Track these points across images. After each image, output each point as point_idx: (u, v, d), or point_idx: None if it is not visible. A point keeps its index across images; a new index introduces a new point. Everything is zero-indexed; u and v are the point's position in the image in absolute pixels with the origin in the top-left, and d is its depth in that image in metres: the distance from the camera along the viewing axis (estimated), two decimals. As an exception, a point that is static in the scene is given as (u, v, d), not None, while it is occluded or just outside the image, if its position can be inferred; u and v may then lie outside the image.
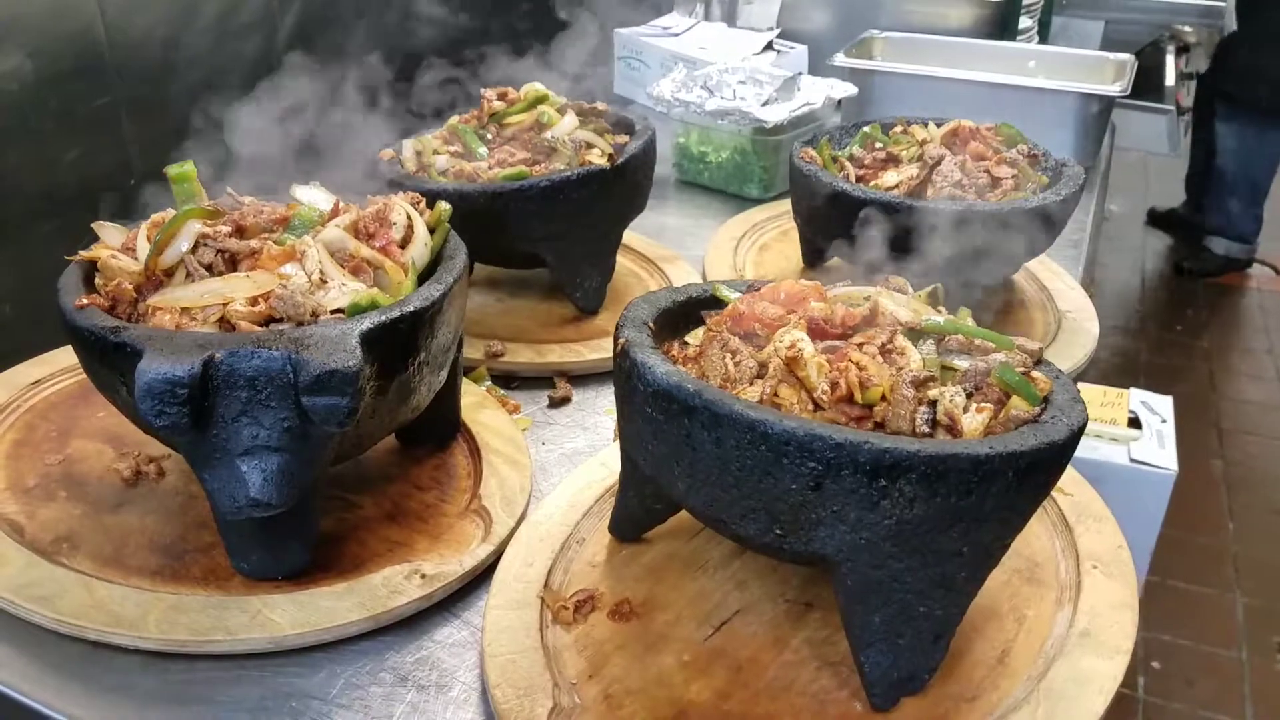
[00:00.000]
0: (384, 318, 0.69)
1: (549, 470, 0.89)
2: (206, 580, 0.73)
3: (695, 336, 0.73)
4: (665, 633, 0.69)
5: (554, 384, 1.01)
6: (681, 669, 0.66)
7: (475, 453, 0.88)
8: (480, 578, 0.75)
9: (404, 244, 0.79)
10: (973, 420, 0.59)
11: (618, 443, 0.89)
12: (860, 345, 0.64)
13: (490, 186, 1.00)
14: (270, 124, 1.02)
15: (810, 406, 0.61)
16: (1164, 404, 1.90)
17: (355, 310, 0.70)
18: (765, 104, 1.41)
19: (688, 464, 0.60)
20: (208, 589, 0.72)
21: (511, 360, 1.02)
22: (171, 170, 0.76)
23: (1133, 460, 1.74)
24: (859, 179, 1.06)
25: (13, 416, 0.91)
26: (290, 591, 0.71)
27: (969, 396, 0.61)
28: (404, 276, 0.76)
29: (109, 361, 0.67)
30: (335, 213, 0.78)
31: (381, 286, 0.75)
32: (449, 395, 0.86)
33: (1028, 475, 0.57)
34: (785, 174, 1.42)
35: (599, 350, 1.03)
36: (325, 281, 0.72)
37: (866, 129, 1.15)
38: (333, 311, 0.71)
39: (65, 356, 0.97)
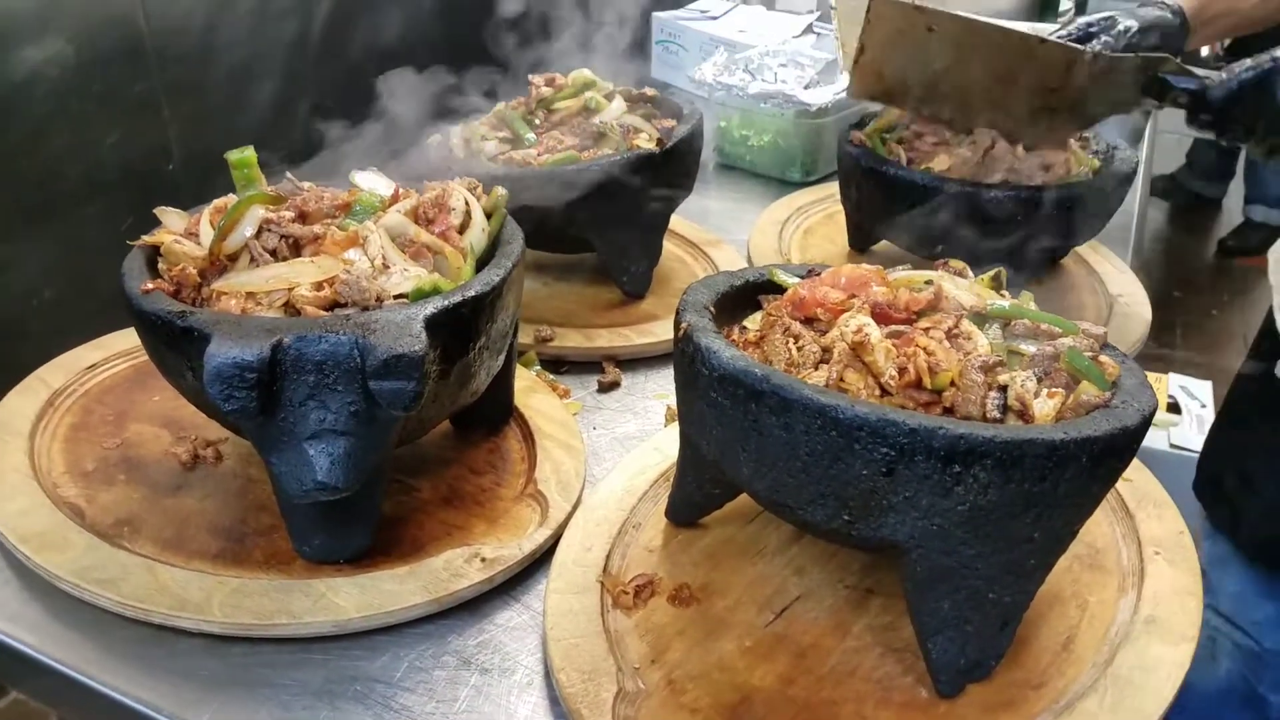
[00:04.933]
0: (446, 302, 0.69)
1: (601, 455, 0.89)
2: (268, 563, 0.74)
3: (753, 321, 0.72)
4: (725, 618, 0.69)
5: (603, 369, 1.01)
6: (743, 654, 0.66)
7: (528, 437, 0.88)
8: (538, 562, 0.75)
9: (462, 229, 0.79)
10: (1044, 405, 0.59)
11: (671, 427, 0.89)
12: (926, 330, 0.63)
13: (541, 172, 1.00)
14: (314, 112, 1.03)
15: (877, 392, 0.61)
16: (1203, 389, 1.87)
17: (418, 295, 0.70)
18: (807, 87, 1.40)
19: (754, 449, 0.60)
20: (269, 572, 0.73)
21: (560, 345, 1.02)
22: (232, 156, 0.77)
23: (1173, 446, 1.72)
24: (909, 162, 1.05)
25: (70, 400, 0.92)
26: (352, 575, 0.72)
27: (1038, 381, 0.61)
28: (463, 262, 0.76)
29: (176, 346, 0.68)
30: (396, 199, 0.78)
31: (441, 272, 0.75)
32: (504, 380, 0.86)
33: (1101, 460, 0.56)
34: (827, 157, 1.41)
35: (647, 335, 1.03)
36: (388, 266, 0.72)
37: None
38: (395, 296, 0.71)
39: (120, 340, 0.99)
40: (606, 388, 0.99)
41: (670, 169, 1.04)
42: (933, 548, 0.57)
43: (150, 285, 0.70)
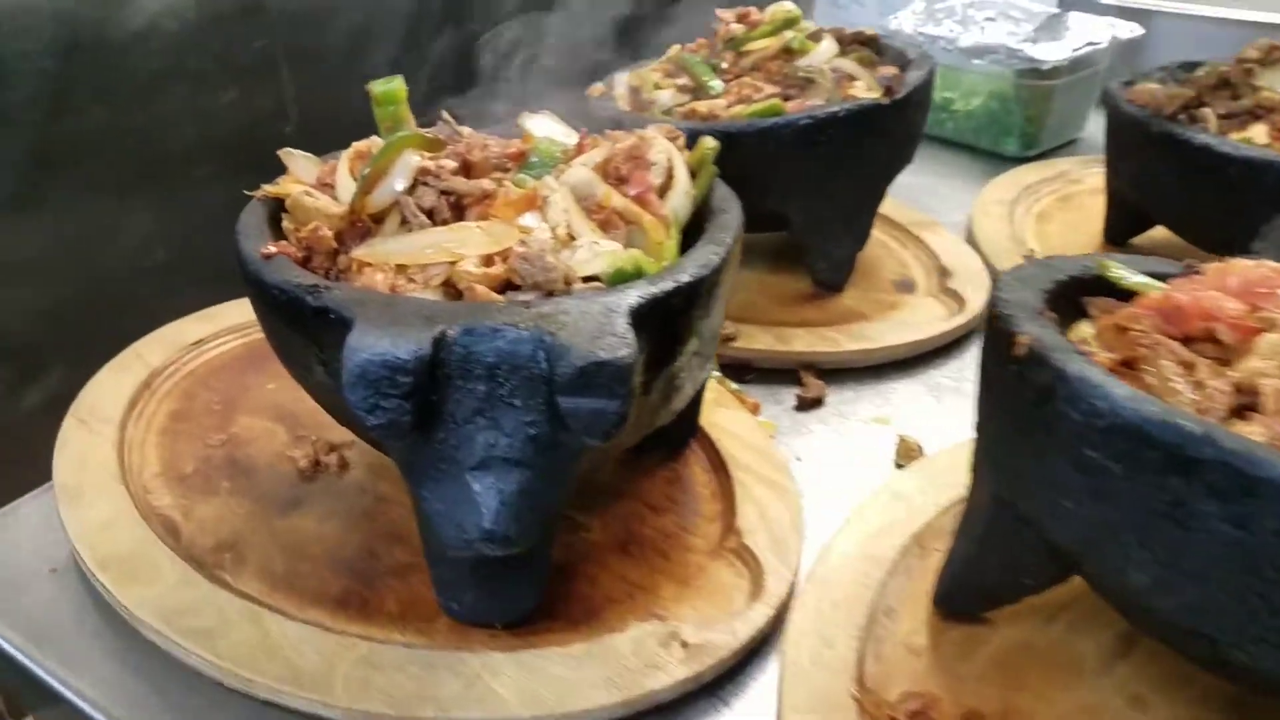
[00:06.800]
0: (655, 290, 0.50)
1: (809, 498, 0.68)
2: (404, 618, 0.56)
3: (1078, 332, 0.51)
4: (1037, 763, 0.48)
5: (800, 379, 0.80)
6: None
7: (719, 466, 0.68)
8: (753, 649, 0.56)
9: (663, 192, 0.60)
10: None
11: (909, 469, 0.67)
12: None
13: (733, 126, 0.80)
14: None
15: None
16: None
17: (619, 278, 0.51)
18: (1030, 42, 1.17)
19: (1166, 548, 0.39)
20: (406, 632, 0.55)
21: (746, 346, 0.82)
22: (376, 87, 0.59)
23: None
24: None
25: (170, 382, 0.77)
26: (514, 648, 0.53)
27: None
28: (665, 235, 0.57)
29: (304, 330, 0.50)
30: (581, 149, 0.59)
31: (637, 247, 0.56)
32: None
33: None
34: (1054, 128, 1.18)
35: (860, 339, 0.82)
36: (573, 238, 0.54)
37: (1202, 73, 0.90)
38: (584, 279, 0.52)
39: (231, 312, 0.83)
40: (808, 404, 0.78)
41: (897, 127, 0.83)
42: None
43: (273, 249, 0.53)
